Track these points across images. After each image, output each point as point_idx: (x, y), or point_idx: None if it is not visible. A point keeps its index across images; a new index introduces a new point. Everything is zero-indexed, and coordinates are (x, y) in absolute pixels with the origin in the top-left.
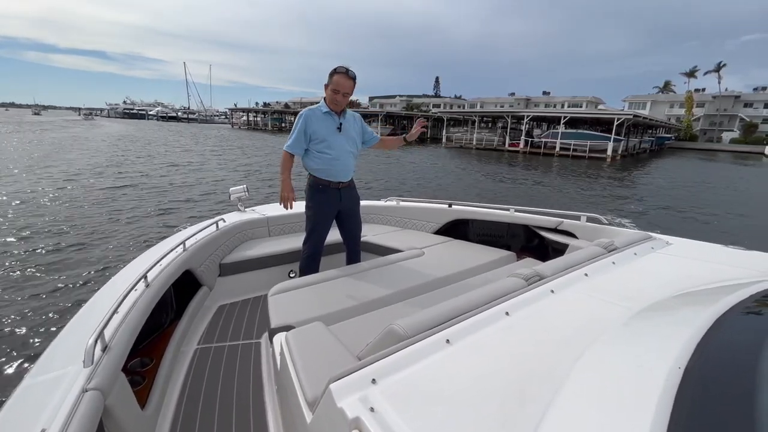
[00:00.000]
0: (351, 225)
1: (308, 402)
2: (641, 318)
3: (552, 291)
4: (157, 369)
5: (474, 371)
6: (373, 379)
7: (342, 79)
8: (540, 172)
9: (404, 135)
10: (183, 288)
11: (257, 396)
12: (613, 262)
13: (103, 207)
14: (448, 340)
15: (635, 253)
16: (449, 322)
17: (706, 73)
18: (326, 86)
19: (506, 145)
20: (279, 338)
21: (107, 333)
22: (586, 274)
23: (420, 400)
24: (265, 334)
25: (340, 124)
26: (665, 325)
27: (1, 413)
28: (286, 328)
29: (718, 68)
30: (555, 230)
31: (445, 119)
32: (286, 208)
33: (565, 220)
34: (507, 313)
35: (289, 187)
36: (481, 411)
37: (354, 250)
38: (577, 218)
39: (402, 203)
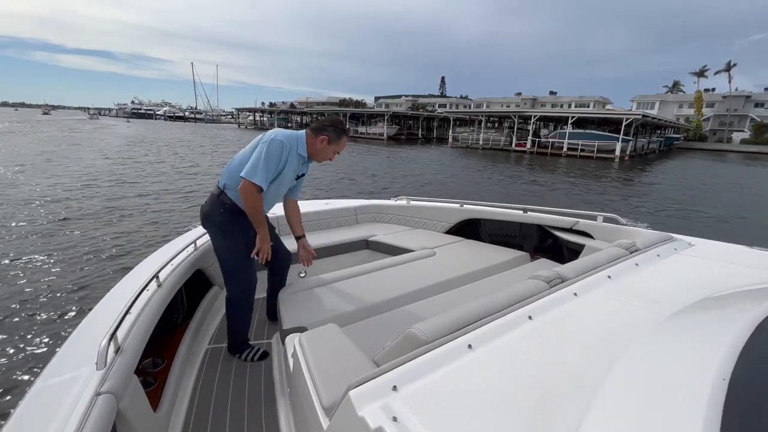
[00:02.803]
0: (278, 255)
1: (324, 407)
2: (673, 323)
3: (575, 294)
4: (169, 370)
5: (499, 378)
6: (394, 386)
7: (346, 141)
8: (548, 172)
9: (302, 238)
10: (194, 287)
11: (269, 397)
12: (636, 264)
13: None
14: (470, 345)
15: (658, 255)
16: (470, 327)
17: (716, 73)
18: (322, 138)
19: (513, 146)
20: (291, 340)
21: (120, 334)
22: (609, 277)
23: (444, 409)
24: (276, 335)
25: (303, 174)
26: (700, 332)
27: (14, 416)
28: (298, 329)
29: (729, 68)
30: (570, 230)
31: (451, 119)
32: (263, 262)
33: (580, 220)
34: (530, 317)
35: (268, 236)
36: (510, 421)
37: (282, 281)
38: (594, 218)
39: (412, 202)
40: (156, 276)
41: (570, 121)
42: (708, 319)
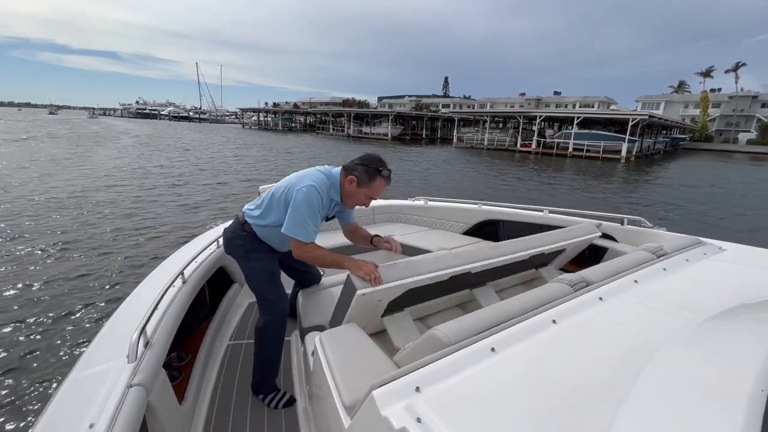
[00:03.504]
0: (305, 276)
1: (346, 406)
2: (706, 331)
3: (600, 298)
4: (193, 364)
5: (523, 383)
6: (417, 387)
7: (384, 185)
8: (555, 172)
9: (375, 237)
10: (216, 284)
11: (288, 392)
12: (664, 269)
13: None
14: (493, 349)
15: (687, 259)
16: (493, 329)
17: (727, 71)
18: (350, 179)
19: (518, 146)
20: (311, 338)
21: (149, 329)
22: (635, 281)
23: (467, 412)
24: (295, 332)
25: (332, 216)
26: (736, 341)
27: (52, 405)
28: (318, 328)
29: (736, 68)
30: None
31: (456, 119)
32: (376, 283)
33: (603, 222)
34: (554, 321)
35: (354, 260)
36: (535, 426)
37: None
38: (617, 221)
39: (430, 203)
40: (181, 273)
41: (576, 122)
42: (744, 327)
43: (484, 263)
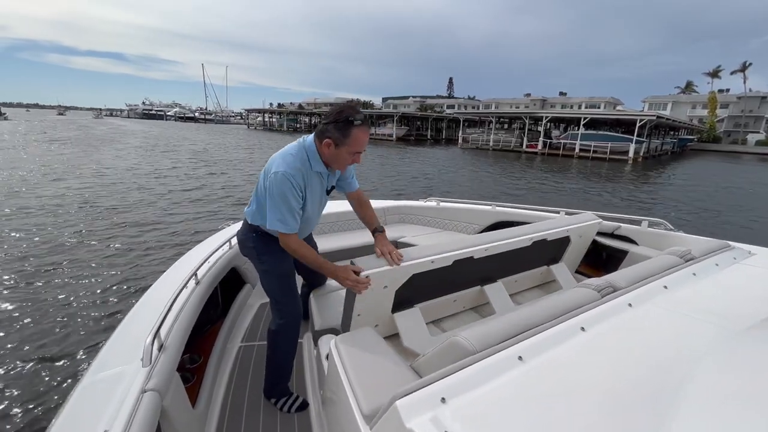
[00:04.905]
0: (316, 274)
1: (364, 415)
2: (746, 341)
3: (630, 305)
4: (206, 366)
5: (554, 393)
6: (443, 398)
7: (363, 133)
8: (563, 173)
9: (379, 232)
10: (228, 285)
11: (300, 396)
12: (694, 274)
13: None
14: (520, 357)
15: (717, 264)
16: (519, 337)
17: (732, 73)
18: (327, 143)
19: (524, 147)
20: (325, 341)
21: (162, 332)
22: (665, 287)
23: (497, 424)
24: (308, 334)
25: (332, 187)
26: None
27: (65, 410)
28: (331, 330)
29: (744, 68)
30: (611, 235)
31: (461, 120)
32: (361, 292)
33: (623, 224)
34: (582, 329)
35: (338, 269)
36: None
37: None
38: (638, 223)
39: (442, 204)
40: (194, 274)
41: (583, 122)
42: None
43: (486, 246)
